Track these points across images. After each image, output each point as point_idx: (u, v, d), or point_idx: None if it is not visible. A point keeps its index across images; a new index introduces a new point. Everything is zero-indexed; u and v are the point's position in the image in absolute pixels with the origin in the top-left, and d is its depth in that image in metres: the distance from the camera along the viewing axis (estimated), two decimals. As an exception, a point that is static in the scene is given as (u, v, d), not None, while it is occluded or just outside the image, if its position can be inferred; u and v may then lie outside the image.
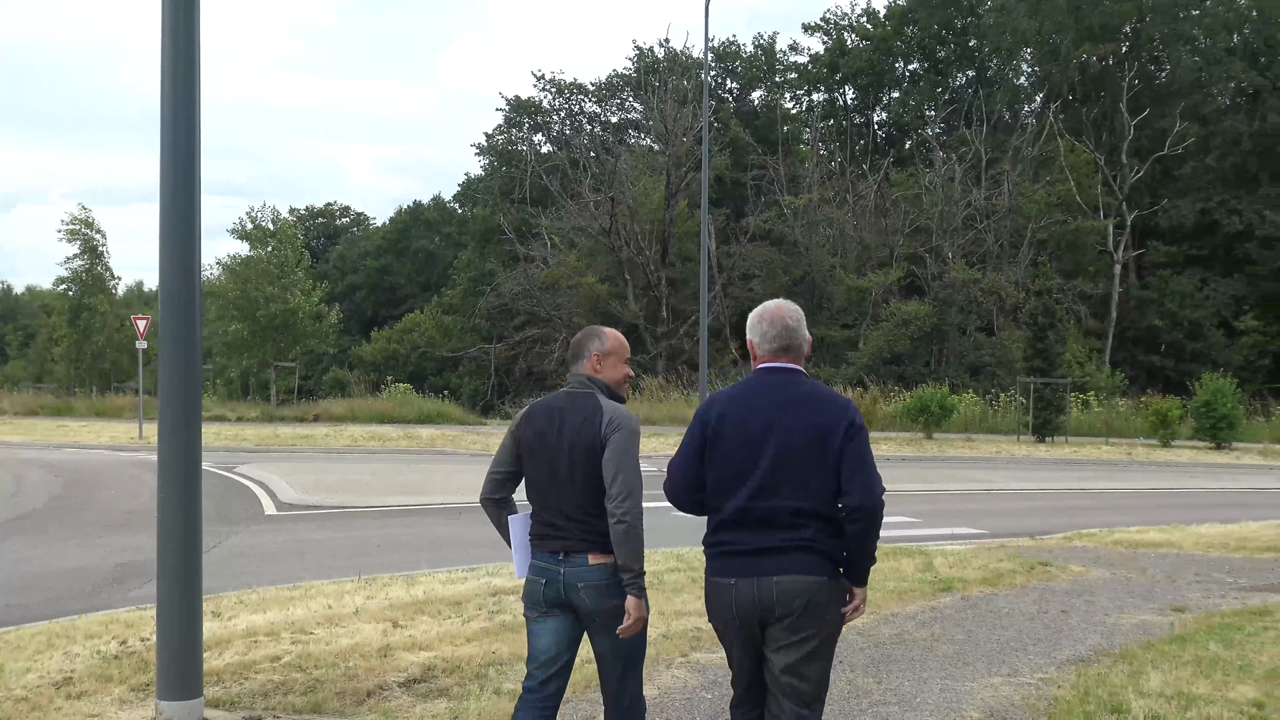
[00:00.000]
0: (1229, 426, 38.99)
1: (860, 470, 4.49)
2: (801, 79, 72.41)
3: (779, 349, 4.73)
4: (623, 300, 54.59)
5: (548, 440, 5.03)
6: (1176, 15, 63.22)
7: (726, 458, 4.62)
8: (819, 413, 4.57)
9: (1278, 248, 57.19)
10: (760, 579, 4.51)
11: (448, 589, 10.89)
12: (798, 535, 4.51)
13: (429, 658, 7.99)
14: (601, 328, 5.33)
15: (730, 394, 4.75)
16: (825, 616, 4.55)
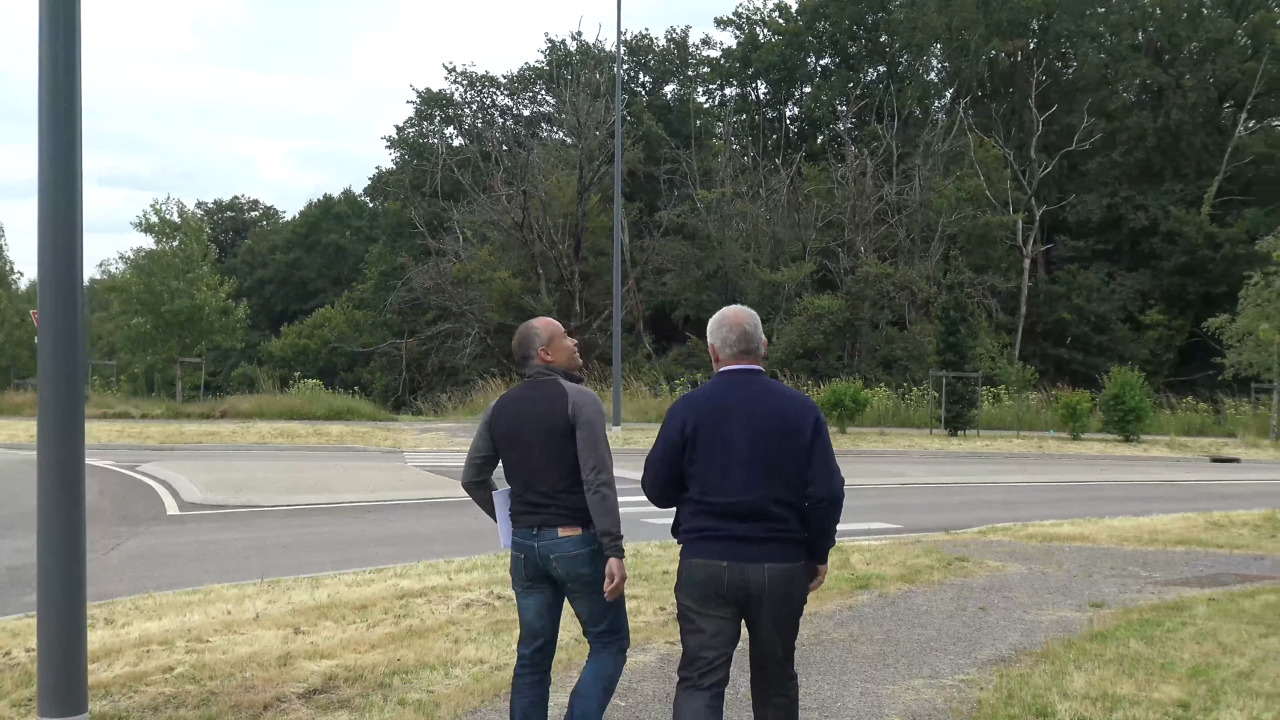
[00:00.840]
0: (1137, 419, 39.43)
1: (825, 463, 5.02)
2: (714, 73, 72.35)
3: (740, 352, 5.20)
4: (535, 294, 54.21)
5: (520, 427, 5.54)
6: (1082, 12, 63.97)
7: (705, 454, 5.04)
8: (786, 410, 5.04)
9: (1181, 243, 58.05)
10: (748, 564, 4.96)
11: (353, 592, 10.55)
12: (777, 525, 4.98)
13: (331, 666, 7.66)
14: (530, 323, 5.91)
15: (702, 394, 5.17)
16: (799, 595, 5.10)
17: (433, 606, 9.85)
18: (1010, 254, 58.51)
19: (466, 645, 8.38)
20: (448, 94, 68.60)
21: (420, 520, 17.24)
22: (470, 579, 11.25)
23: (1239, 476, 30.53)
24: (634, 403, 41.13)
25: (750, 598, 4.99)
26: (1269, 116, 66.82)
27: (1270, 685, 7.30)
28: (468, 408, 43.44)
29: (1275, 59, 60.47)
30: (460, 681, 7.41)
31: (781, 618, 5.07)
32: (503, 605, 9.90)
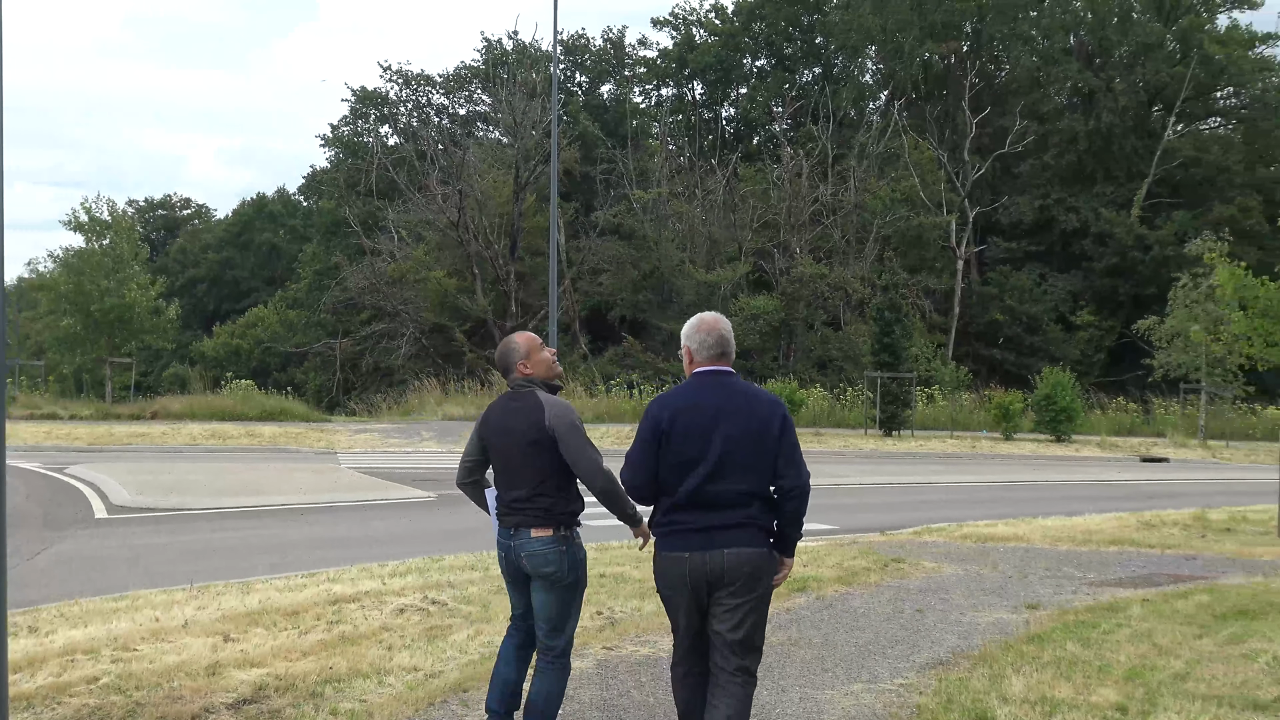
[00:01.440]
0: (1068, 419, 39.83)
1: (794, 457, 5.38)
2: (650, 73, 72.30)
3: (717, 355, 5.54)
4: (471, 294, 53.92)
5: (501, 435, 6.02)
6: (1015, 16, 64.57)
7: (679, 450, 5.33)
8: (756, 409, 5.38)
9: (1112, 244, 58.68)
10: (710, 551, 5.28)
11: (285, 597, 10.38)
12: (742, 513, 5.31)
13: (261, 675, 7.50)
14: (510, 338, 6.35)
15: (678, 395, 5.50)
16: (762, 582, 5.36)
17: (366, 612, 9.71)
18: (944, 255, 58.91)
19: (401, 652, 8.25)
20: (383, 92, 68.09)
21: (354, 523, 17.06)
22: (405, 583, 11.11)
23: (1168, 476, 30.91)
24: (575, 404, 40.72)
25: (713, 582, 5.30)
26: (1197, 120, 67.80)
27: (1206, 687, 7.33)
28: (402, 408, 43.13)
29: (1203, 64, 61.30)
30: (394, 690, 7.29)
31: (746, 603, 5.30)
32: (437, 610, 9.78)
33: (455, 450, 30.34)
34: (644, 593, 10.74)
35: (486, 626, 9.14)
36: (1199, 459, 37.29)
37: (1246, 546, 15.04)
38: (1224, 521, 18.33)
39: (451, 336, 53.19)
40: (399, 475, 23.72)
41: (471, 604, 10.09)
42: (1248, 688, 7.34)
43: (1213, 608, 10.25)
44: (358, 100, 68.54)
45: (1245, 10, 66.47)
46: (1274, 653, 8.29)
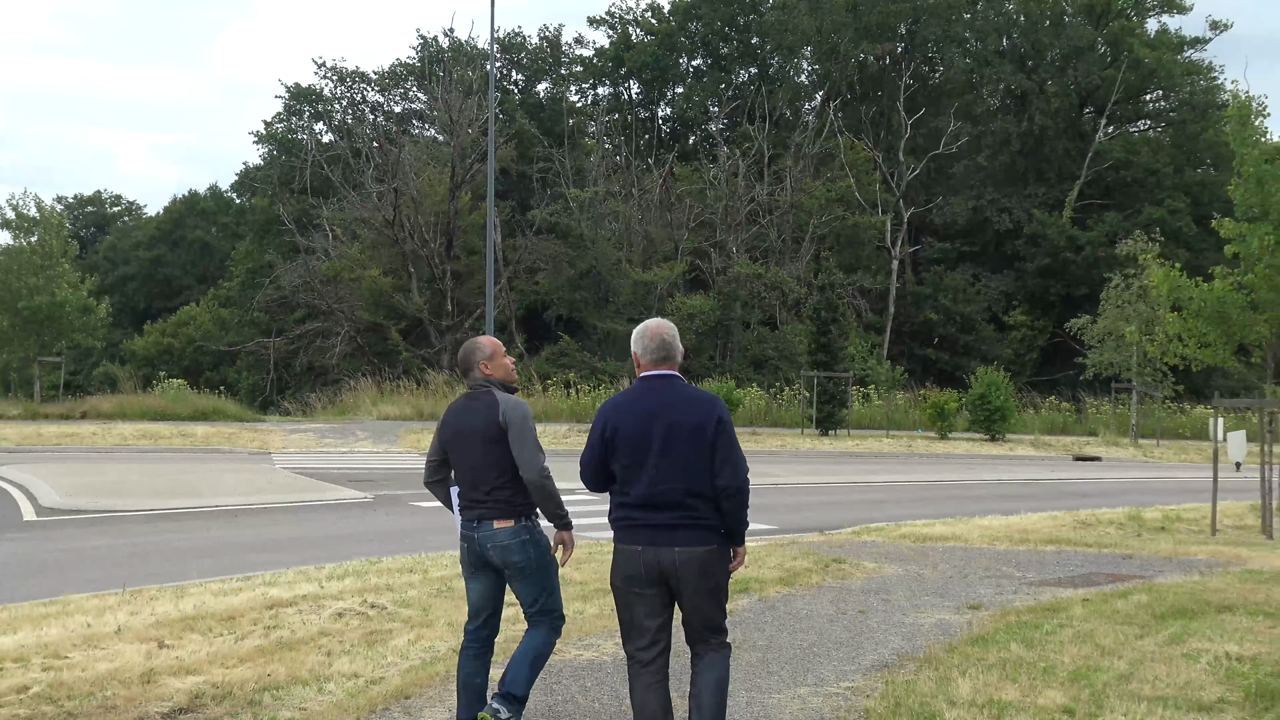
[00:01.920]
0: (1002, 418, 40.15)
1: (730, 457, 5.61)
2: (587, 72, 72.17)
3: (660, 359, 5.81)
4: (406, 293, 53.59)
5: (461, 434, 6.42)
6: (949, 18, 65.00)
7: (625, 451, 5.66)
8: (694, 410, 5.65)
9: (1044, 245, 59.24)
10: (661, 549, 5.60)
11: (220, 602, 10.20)
12: (687, 514, 5.59)
13: (197, 683, 7.35)
14: (475, 340, 6.67)
15: (624, 397, 5.84)
16: (716, 572, 5.70)
17: (304, 617, 9.56)
18: (879, 255, 59.24)
19: (340, 658, 8.11)
20: (317, 89, 67.54)
21: (290, 525, 16.85)
22: (343, 586, 10.96)
23: (1101, 474, 31.21)
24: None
25: (668, 578, 5.64)
26: (1127, 123, 68.62)
27: (1150, 688, 7.34)
28: (337, 408, 42.78)
29: (1133, 67, 62.07)
30: (334, 697, 7.16)
31: (700, 594, 5.65)
32: (377, 614, 9.64)
33: (391, 450, 30.15)
34: (586, 595, 10.67)
35: (428, 631, 9.02)
36: (1130, 458, 37.69)
37: (1181, 545, 15.18)
38: (1158, 520, 18.49)
39: (387, 335, 52.84)
40: (335, 476, 23.49)
41: (411, 607, 9.96)
42: (1191, 689, 7.36)
43: (1152, 607, 10.30)
44: (292, 97, 67.98)
45: (1174, 15, 67.41)
46: (1215, 653, 8.33)
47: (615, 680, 7.74)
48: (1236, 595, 10.92)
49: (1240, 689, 7.33)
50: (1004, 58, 64.98)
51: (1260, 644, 8.76)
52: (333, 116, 68.14)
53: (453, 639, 8.71)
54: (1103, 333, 44.51)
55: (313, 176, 59.07)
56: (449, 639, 8.71)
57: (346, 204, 56.45)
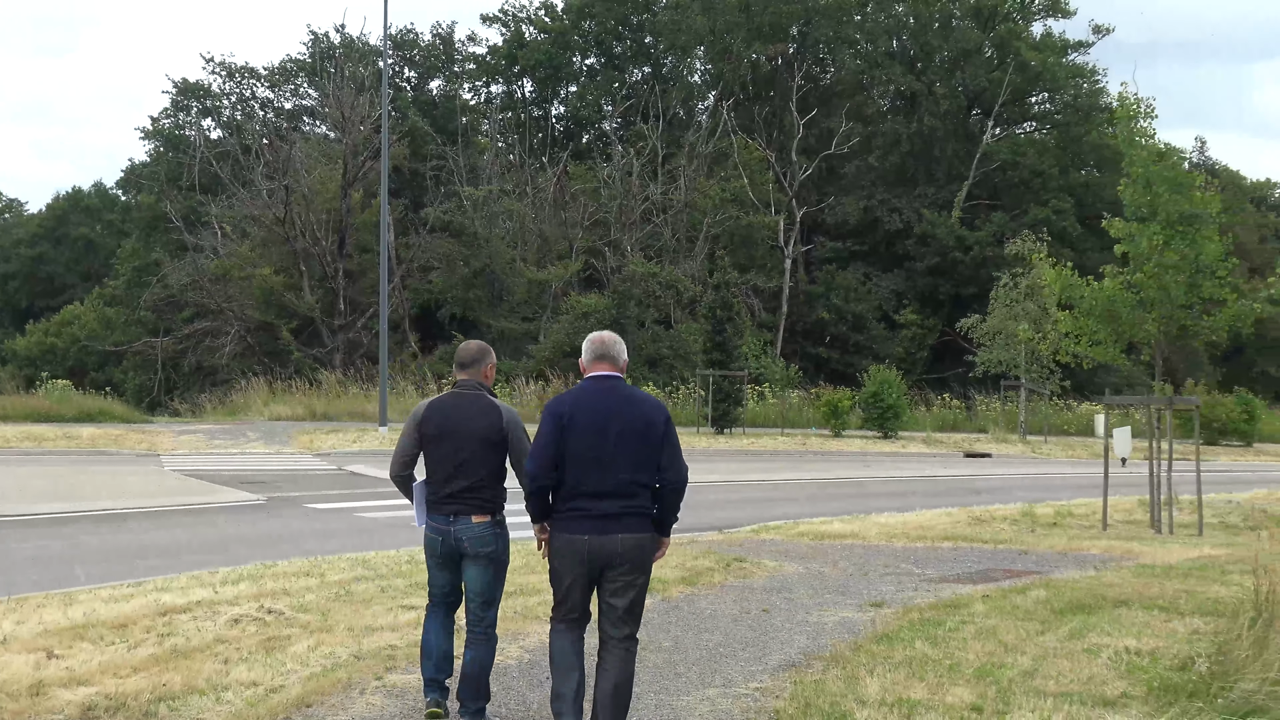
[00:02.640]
0: (895, 416, 40.58)
1: (674, 455, 6.21)
2: (480, 70, 71.76)
3: (598, 358, 6.35)
4: (298, 292, 52.86)
5: (450, 431, 6.71)
6: (840, 19, 65.62)
7: (577, 444, 6.11)
8: (642, 410, 6.22)
9: (934, 244, 60.01)
10: (606, 536, 6.11)
11: (111, 609, 9.89)
12: (631, 502, 6.13)
13: (89, 694, 7.11)
14: (485, 344, 7.05)
15: (574, 396, 6.28)
16: (647, 561, 6.27)
17: (199, 623, 9.31)
18: (772, 254, 59.59)
19: (238, 666, 7.90)
20: (206, 85, 66.41)
21: (181, 528, 16.45)
22: (238, 591, 10.70)
23: (992, 471, 31.65)
24: (401, 402, 40.36)
25: (606, 562, 6.14)
26: (1014, 125, 69.86)
27: (1055, 684, 7.40)
28: (228, 408, 42.07)
29: (1019, 70, 63.17)
30: (233, 707, 6.97)
31: (631, 580, 6.19)
32: (274, 620, 9.43)
33: (284, 451, 29.69)
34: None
35: (328, 636, 8.83)
36: (1019, 454, 38.27)
37: (1075, 541, 15.42)
38: (1050, 516, 18.78)
39: (278, 335, 52.06)
40: (226, 478, 23.04)
41: (310, 612, 9.75)
42: (1094, 684, 7.44)
43: (1051, 603, 10.42)
44: (179, 92, 66.75)
45: (1059, 18, 68.80)
46: (1115, 648, 8.43)
47: (521, 685, 7.63)
48: (1132, 590, 11.09)
49: (1141, 683, 7.42)
50: (894, 59, 65.77)
51: (1158, 638, 8.89)
52: (221, 113, 67.04)
53: (353, 644, 8.55)
54: (992, 331, 45.22)
55: (201, 173, 58.02)
56: (349, 644, 8.55)
57: (236, 201, 55.57)
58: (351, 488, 22.30)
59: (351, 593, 10.65)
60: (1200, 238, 17.59)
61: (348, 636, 8.80)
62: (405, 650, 8.39)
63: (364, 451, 29.65)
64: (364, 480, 23.83)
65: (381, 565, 12.37)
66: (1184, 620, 9.68)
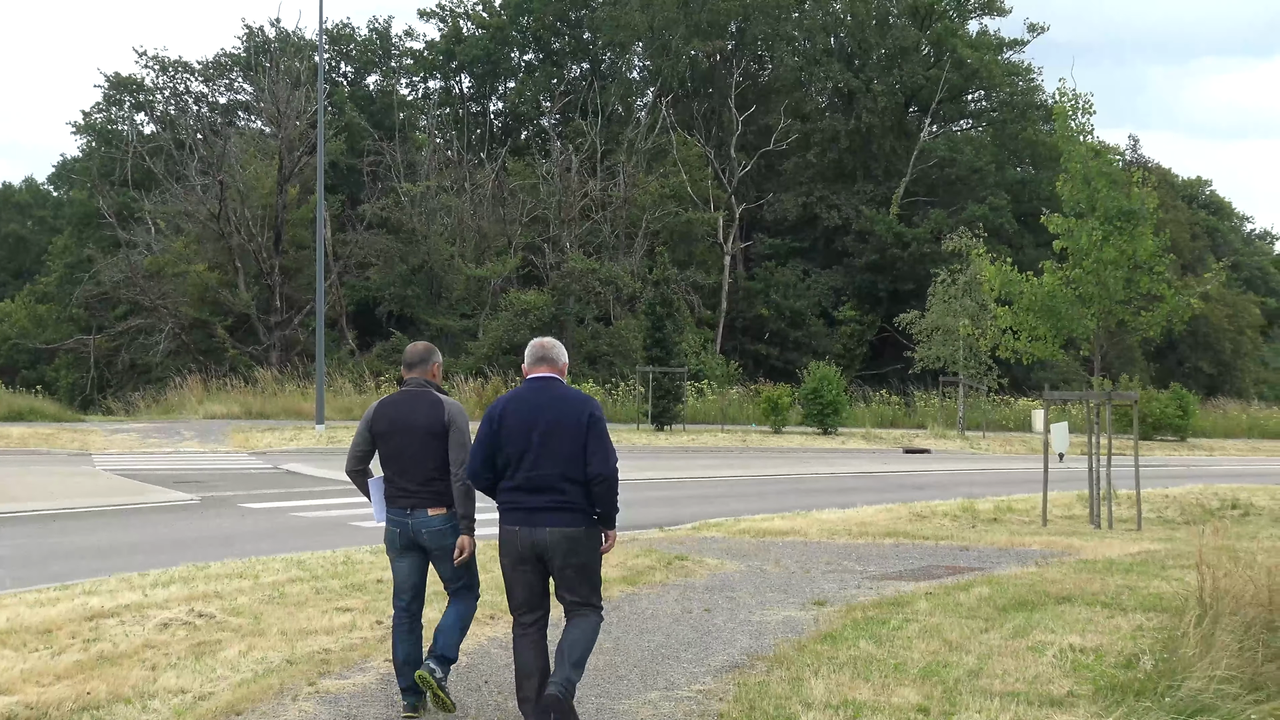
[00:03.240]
0: (835, 412, 40.64)
1: (599, 449, 6.44)
2: (417, 65, 71.27)
3: (537, 360, 6.73)
4: (233, 288, 52.23)
5: (399, 427, 7.01)
6: (778, 16, 65.72)
7: (509, 443, 6.49)
8: (568, 408, 6.51)
9: (872, 241, 60.26)
10: (536, 529, 6.42)
11: (36, 614, 9.61)
12: (560, 497, 6.41)
13: (9, 704, 6.86)
14: (431, 345, 7.35)
15: (509, 397, 6.66)
16: (586, 550, 6.55)
17: (127, 628, 9.05)
18: (712, 251, 59.61)
19: (166, 672, 7.67)
20: (139, 79, 65.45)
21: (112, 529, 16.12)
22: (169, 594, 10.44)
23: (930, 466, 31.76)
24: (338, 400, 40.02)
25: (541, 554, 6.47)
26: (950, 122, 70.30)
27: (1001, 684, 7.32)
28: (162, 407, 41.48)
29: (955, 67, 63.57)
30: (160, 716, 6.76)
31: (570, 569, 6.50)
32: (205, 624, 9.19)
33: (219, 450, 29.31)
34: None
35: (260, 640, 8.61)
36: (958, 449, 38.45)
37: (1016, 536, 15.42)
38: (991, 512, 18.81)
39: (213, 332, 51.41)
40: (159, 477, 22.66)
41: (242, 616, 9.52)
42: (1040, 682, 7.36)
43: (994, 600, 10.37)
44: (111, 86, 65.74)
45: (995, 16, 69.28)
46: (1059, 645, 8.37)
47: (458, 689, 7.46)
48: (1073, 585, 11.07)
49: (1087, 681, 7.35)
50: (832, 56, 65.95)
51: (1101, 635, 8.85)
52: (155, 107, 66.05)
53: (286, 649, 8.34)
54: (930, 327, 45.40)
55: (134, 169, 57.21)
56: (282, 649, 8.33)
57: (170, 197, 54.82)
58: (287, 487, 22.00)
59: (285, 594, 10.43)
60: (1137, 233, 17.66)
61: (280, 640, 8.59)
62: (339, 654, 8.19)
63: (300, 450, 29.31)
64: (300, 479, 23.54)
65: (317, 566, 12.15)
66: (1127, 616, 9.65)
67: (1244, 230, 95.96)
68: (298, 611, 9.68)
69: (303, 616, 9.46)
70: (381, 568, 12.02)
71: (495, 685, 7.63)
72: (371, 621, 9.29)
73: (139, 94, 65.75)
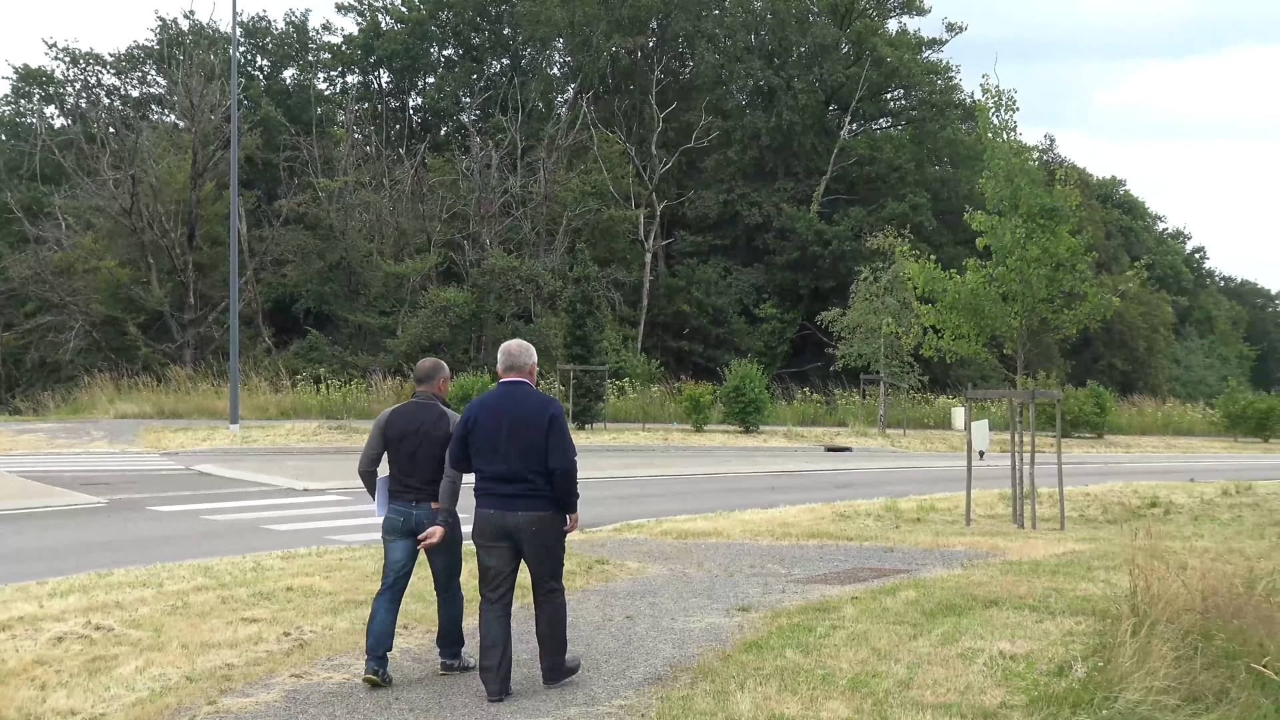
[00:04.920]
0: (756, 410, 40.56)
1: (559, 445, 7.44)
2: (335, 60, 70.43)
3: (508, 368, 7.71)
4: (146, 285, 51.21)
5: (408, 434, 7.98)
6: (699, 13, 65.66)
7: (481, 440, 7.48)
8: (532, 409, 7.48)
9: (793, 239, 60.31)
10: (508, 513, 7.43)
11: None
12: (529, 486, 7.40)
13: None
14: (440, 361, 8.45)
15: (482, 400, 7.66)
16: (550, 533, 7.56)
17: (18, 643, 8.58)
18: (633, 248, 59.40)
19: (56, 692, 7.24)
20: (48, 71, 64.06)
21: (14, 534, 15.53)
22: (65, 605, 9.96)
23: (852, 465, 31.74)
24: (253, 399, 39.33)
25: (513, 535, 7.47)
26: (870, 120, 70.57)
27: (932, 694, 7.08)
28: (71, 406, 40.53)
29: (875, 65, 63.85)
30: (48, 739, 6.35)
31: (538, 549, 7.54)
32: (102, 638, 8.74)
33: (130, 450, 28.62)
34: (336, 608, 9.98)
35: (158, 655, 8.18)
36: (880, 447, 38.50)
37: (940, 537, 15.26)
38: (914, 511, 18.69)
39: (125, 329, 50.36)
40: (67, 479, 21.98)
41: (142, 628, 9.08)
42: (972, 693, 7.13)
43: (921, 604, 10.16)
44: (20, 78, 64.31)
45: (914, 16, 69.72)
46: (989, 652, 8.15)
47: (368, 706, 7.12)
48: (1000, 588, 10.89)
49: (1020, 691, 7.14)
50: (753, 54, 65.91)
51: (1031, 640, 8.66)
52: (65, 100, 64.73)
53: (186, 664, 7.93)
54: (852, 325, 45.44)
55: (43, 162, 55.95)
56: (182, 664, 7.92)
57: (80, 192, 53.64)
58: (199, 488, 21.43)
59: (189, 604, 10.01)
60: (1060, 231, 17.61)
61: (181, 655, 8.17)
62: (243, 669, 7.81)
63: (214, 450, 28.69)
64: (213, 480, 22.98)
65: (224, 573, 11.71)
66: (1055, 620, 9.47)
67: (1156, 230, 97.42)
68: (201, 623, 9.26)
69: (206, 628, 9.05)
70: (291, 574, 11.65)
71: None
72: (278, 633, 8.90)
73: (49, 86, 64.43)
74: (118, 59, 64.43)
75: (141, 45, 64.48)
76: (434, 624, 8.47)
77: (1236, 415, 52.73)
